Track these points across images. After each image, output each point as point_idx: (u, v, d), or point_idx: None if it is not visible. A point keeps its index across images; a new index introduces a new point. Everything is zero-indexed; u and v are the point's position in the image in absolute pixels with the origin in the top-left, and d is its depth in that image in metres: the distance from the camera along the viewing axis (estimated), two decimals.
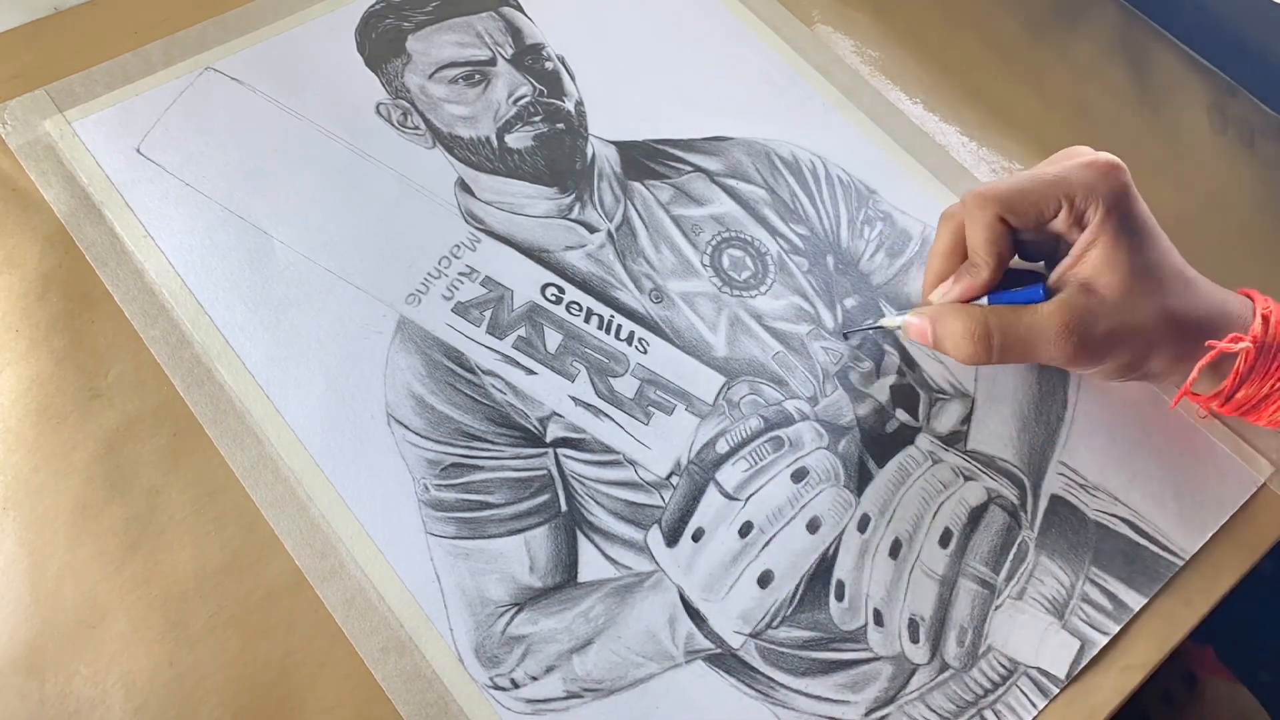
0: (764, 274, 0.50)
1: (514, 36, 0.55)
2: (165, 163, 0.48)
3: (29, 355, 0.43)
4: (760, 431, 0.45)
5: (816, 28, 0.59)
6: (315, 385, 0.44)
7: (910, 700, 0.41)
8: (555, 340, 0.46)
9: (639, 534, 0.43)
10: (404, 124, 0.51)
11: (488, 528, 0.42)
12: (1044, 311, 0.42)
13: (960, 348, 0.43)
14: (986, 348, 0.42)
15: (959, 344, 0.43)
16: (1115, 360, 0.43)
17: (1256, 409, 0.44)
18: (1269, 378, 0.42)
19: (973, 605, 0.43)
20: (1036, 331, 0.42)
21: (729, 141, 0.54)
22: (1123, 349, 0.42)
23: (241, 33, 0.53)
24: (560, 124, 0.52)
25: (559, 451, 0.44)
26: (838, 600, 0.42)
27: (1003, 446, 0.47)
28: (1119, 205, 0.42)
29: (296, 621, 0.40)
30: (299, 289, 0.46)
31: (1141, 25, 0.63)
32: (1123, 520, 0.45)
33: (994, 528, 0.44)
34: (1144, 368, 0.43)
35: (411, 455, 0.43)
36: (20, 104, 0.49)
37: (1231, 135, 0.59)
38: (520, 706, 0.39)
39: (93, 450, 0.42)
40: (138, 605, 0.39)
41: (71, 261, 0.45)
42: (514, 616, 0.41)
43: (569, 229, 0.49)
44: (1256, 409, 0.44)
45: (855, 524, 0.44)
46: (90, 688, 0.38)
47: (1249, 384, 0.43)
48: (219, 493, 0.41)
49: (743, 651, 0.41)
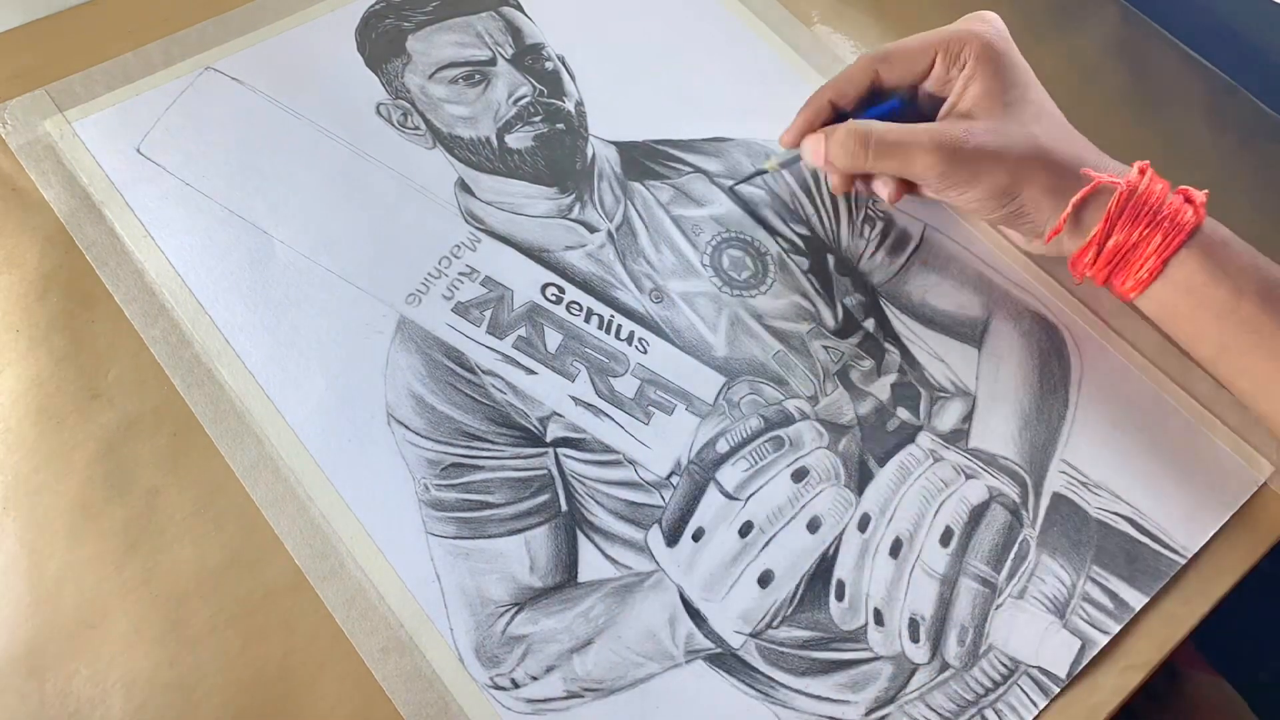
0: (764, 273, 0.50)
1: (514, 36, 0.55)
2: (165, 163, 0.48)
3: (29, 355, 0.43)
4: (760, 431, 0.45)
5: (816, 28, 0.59)
6: (315, 385, 0.44)
7: (910, 700, 0.41)
8: (555, 340, 0.46)
9: (639, 534, 0.43)
10: (404, 124, 0.51)
11: (488, 527, 0.42)
12: (920, 125, 0.45)
13: (842, 149, 0.45)
14: (864, 147, 0.45)
15: (841, 147, 0.45)
16: (986, 183, 0.44)
17: (1125, 263, 0.43)
18: (1139, 224, 0.43)
19: (973, 604, 0.43)
20: (911, 137, 0.44)
21: (729, 142, 0.54)
22: (993, 169, 0.44)
23: (241, 33, 0.53)
24: (560, 124, 0.52)
25: (559, 451, 0.44)
26: (838, 600, 0.42)
27: (1004, 445, 0.47)
28: (993, 46, 0.45)
29: (296, 621, 0.40)
30: (299, 289, 0.46)
31: (1141, 25, 0.63)
32: (1124, 518, 0.45)
33: (995, 526, 0.44)
34: (1016, 197, 0.44)
35: (412, 455, 0.43)
36: (20, 104, 0.49)
37: (1231, 135, 0.59)
38: (520, 706, 0.39)
39: (93, 450, 0.42)
40: (138, 605, 0.39)
41: (71, 261, 0.45)
42: (514, 616, 0.40)
43: (569, 229, 0.49)
44: (1125, 263, 0.43)
45: (856, 523, 0.44)
46: (90, 688, 0.38)
47: (1120, 229, 0.43)
48: (219, 493, 0.41)
49: (743, 651, 0.41)
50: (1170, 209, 0.42)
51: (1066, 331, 0.50)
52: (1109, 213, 0.43)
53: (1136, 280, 0.43)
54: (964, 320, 0.50)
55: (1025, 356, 0.49)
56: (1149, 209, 0.42)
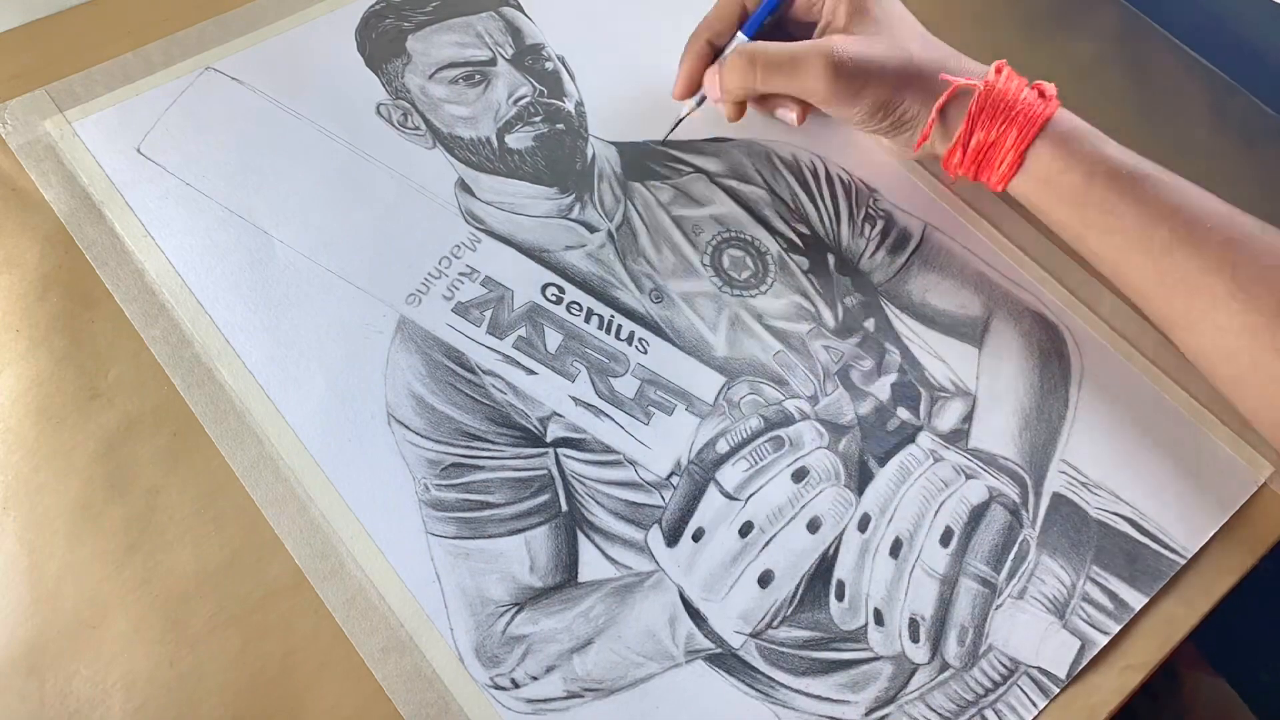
0: (764, 273, 0.50)
1: (514, 37, 0.55)
2: (165, 163, 0.48)
3: (29, 355, 0.43)
4: (760, 431, 0.45)
5: None
6: (315, 385, 0.44)
7: (910, 700, 0.41)
8: (555, 340, 0.46)
9: (639, 534, 0.43)
10: (404, 124, 0.51)
11: (488, 528, 0.42)
12: (804, 43, 0.47)
13: (732, 71, 0.48)
14: (751, 66, 0.47)
15: (730, 70, 0.48)
16: (870, 96, 0.46)
17: (988, 159, 0.46)
18: (996, 121, 0.45)
19: (973, 604, 0.43)
20: (796, 56, 0.46)
21: (729, 142, 0.54)
22: (874, 83, 0.46)
23: (241, 33, 0.53)
24: (560, 124, 0.52)
25: (559, 451, 0.44)
26: (838, 600, 0.42)
27: (1004, 445, 0.47)
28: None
29: (296, 621, 0.40)
30: (299, 289, 0.46)
31: (1141, 25, 0.63)
32: (1124, 518, 0.45)
33: (995, 526, 0.44)
34: (897, 108, 0.46)
35: (412, 455, 0.43)
36: (20, 104, 0.49)
37: (1231, 135, 0.59)
38: (520, 706, 0.39)
39: (93, 450, 0.42)
40: (138, 605, 0.39)
41: (71, 261, 0.45)
42: (514, 616, 0.40)
43: (569, 229, 0.49)
44: (988, 159, 0.46)
45: (856, 523, 0.44)
46: (90, 688, 0.38)
47: (980, 126, 0.45)
48: (219, 493, 0.41)
49: (743, 651, 0.41)
50: (1025, 104, 0.45)
51: (1066, 331, 0.50)
52: (970, 112, 0.45)
53: (1000, 175, 0.46)
54: (964, 320, 0.50)
55: (1025, 356, 0.49)
56: (1005, 105, 0.45)
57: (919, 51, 0.47)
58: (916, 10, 0.49)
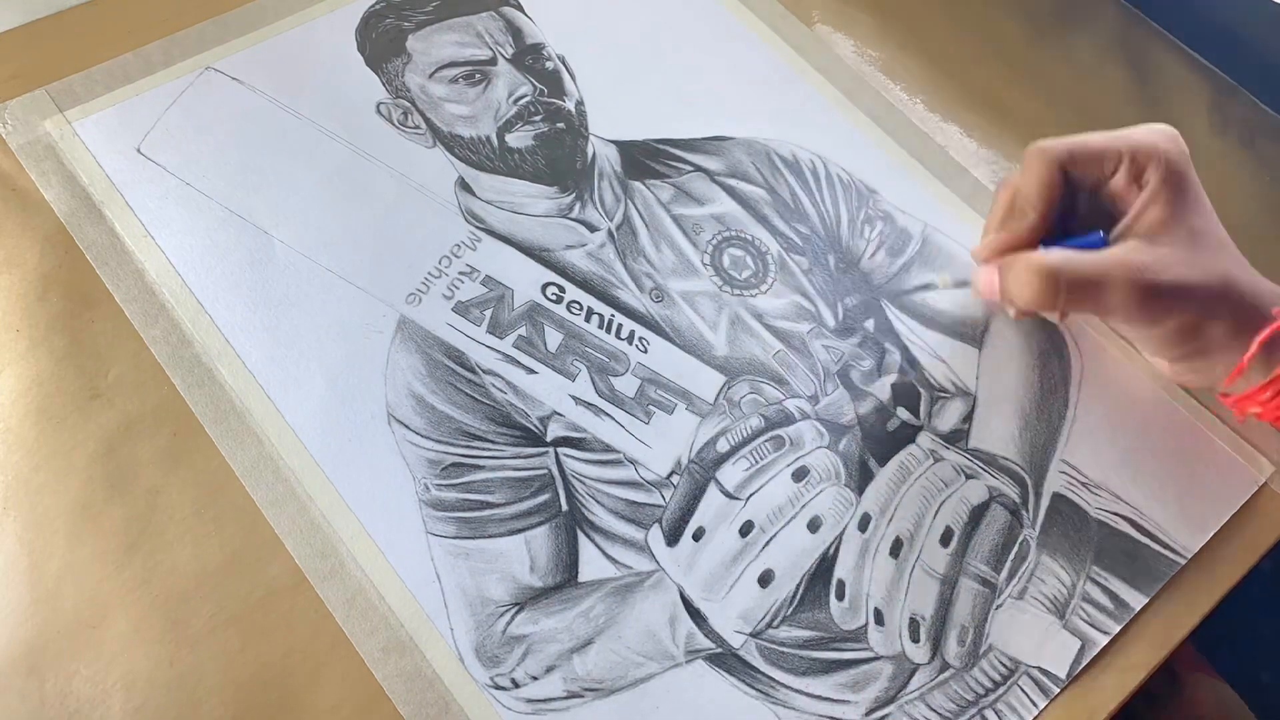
0: (764, 273, 0.50)
1: (514, 36, 0.55)
2: (165, 163, 0.48)
3: (29, 355, 0.43)
4: (761, 430, 0.45)
5: (816, 28, 0.59)
6: (315, 385, 0.44)
7: (911, 700, 0.41)
8: (556, 339, 0.46)
9: (639, 533, 0.43)
10: (404, 123, 0.51)
11: (488, 527, 0.42)
12: (1112, 255, 0.42)
13: (1027, 288, 0.42)
14: (1054, 287, 0.41)
15: (1025, 286, 0.42)
16: (1178, 317, 0.42)
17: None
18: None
19: (974, 604, 0.43)
20: (1104, 271, 0.41)
21: (729, 141, 0.54)
22: (1186, 304, 0.41)
23: (241, 33, 0.53)
24: (561, 123, 0.52)
25: (559, 451, 0.44)
26: (838, 600, 0.42)
27: (1004, 445, 0.47)
28: (1179, 166, 0.43)
29: (296, 621, 0.40)
30: (299, 289, 0.46)
31: (1141, 25, 0.63)
32: (1125, 519, 0.45)
33: (995, 526, 0.44)
34: (1202, 334, 0.42)
35: (412, 455, 0.43)
36: (20, 104, 0.49)
37: (1231, 135, 0.59)
38: (521, 706, 0.39)
39: (93, 450, 0.42)
40: (138, 605, 0.39)
41: (71, 261, 0.45)
42: (514, 616, 0.40)
43: (569, 228, 0.49)
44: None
45: (856, 523, 0.44)
46: (90, 688, 0.37)
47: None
48: (219, 493, 0.41)
49: (743, 651, 0.41)
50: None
51: (1066, 331, 0.50)
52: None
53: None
54: (964, 320, 0.50)
55: (1025, 356, 0.49)
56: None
57: (1239, 273, 0.42)
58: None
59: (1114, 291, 0.41)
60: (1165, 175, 0.42)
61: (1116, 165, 0.43)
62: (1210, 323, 0.42)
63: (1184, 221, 0.42)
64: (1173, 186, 0.42)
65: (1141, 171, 0.43)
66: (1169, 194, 0.42)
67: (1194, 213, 0.42)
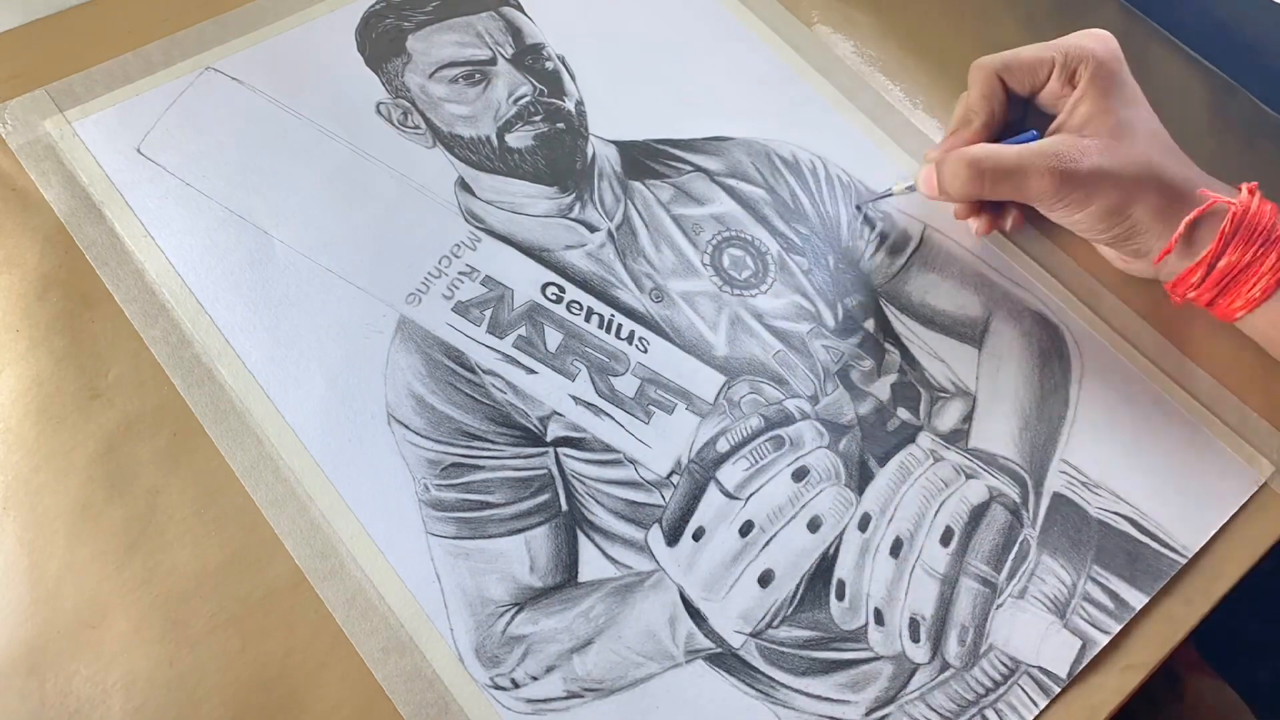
0: (764, 273, 0.50)
1: (514, 36, 0.55)
2: (165, 163, 0.48)
3: (29, 355, 0.43)
4: (761, 430, 0.45)
5: (816, 28, 0.59)
6: (315, 385, 0.44)
7: (911, 700, 0.41)
8: (555, 339, 0.46)
9: (639, 533, 0.43)
10: (404, 123, 0.51)
11: (488, 527, 0.42)
12: (1033, 146, 0.45)
13: (955, 178, 0.46)
14: (978, 175, 0.45)
15: (954, 176, 0.46)
16: (1099, 203, 0.44)
17: (1235, 284, 0.44)
18: (1252, 243, 0.43)
19: (974, 604, 0.43)
20: (1024, 160, 0.44)
21: (729, 141, 0.54)
22: (1106, 189, 0.44)
23: (241, 33, 0.53)
24: (560, 123, 0.52)
25: (559, 451, 0.44)
26: (838, 599, 0.42)
27: (1004, 444, 0.47)
28: (1108, 65, 0.46)
29: (296, 621, 0.40)
30: (299, 289, 0.46)
31: (1141, 25, 0.63)
32: (1125, 518, 0.45)
33: (996, 526, 0.44)
34: (1127, 218, 0.45)
35: (412, 455, 0.43)
36: (20, 104, 0.49)
37: (1231, 135, 0.59)
38: (520, 706, 0.39)
39: (93, 450, 0.42)
40: (138, 605, 0.39)
41: (71, 261, 0.45)
42: (514, 616, 0.40)
43: (569, 228, 0.49)
44: (1235, 284, 0.44)
45: (856, 523, 0.44)
46: (90, 688, 0.37)
47: (1233, 249, 0.44)
48: (219, 493, 0.41)
49: (743, 651, 0.41)
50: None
51: (1066, 331, 0.50)
52: (1223, 232, 0.44)
53: (1248, 299, 0.45)
54: (964, 320, 0.50)
55: (1025, 356, 0.49)
56: (1262, 229, 0.43)
57: (1161, 160, 0.45)
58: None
59: (1032, 178, 0.44)
60: (1094, 73, 0.46)
61: (1050, 71, 0.47)
62: (1134, 205, 0.44)
63: (1111, 114, 0.45)
64: (1100, 83, 0.46)
65: (1074, 74, 0.47)
66: (1096, 90, 0.46)
67: (1123, 105, 0.46)
